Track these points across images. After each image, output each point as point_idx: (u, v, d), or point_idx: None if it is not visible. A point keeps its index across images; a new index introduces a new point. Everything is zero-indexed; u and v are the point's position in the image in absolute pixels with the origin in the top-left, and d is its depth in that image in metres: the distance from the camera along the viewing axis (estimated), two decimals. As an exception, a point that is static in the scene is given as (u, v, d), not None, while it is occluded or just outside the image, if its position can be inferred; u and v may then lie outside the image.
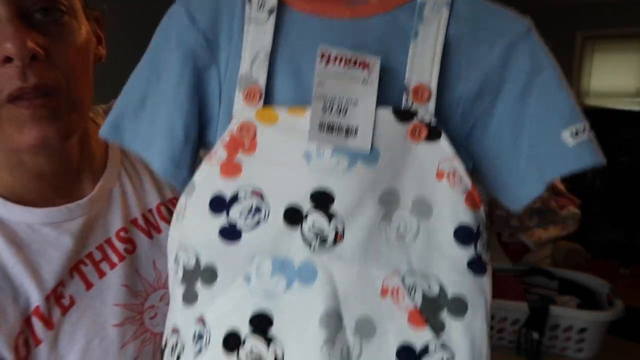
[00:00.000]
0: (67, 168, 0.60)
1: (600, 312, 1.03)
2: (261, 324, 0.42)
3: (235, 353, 0.42)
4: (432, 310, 0.42)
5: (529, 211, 1.52)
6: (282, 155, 0.44)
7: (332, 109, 0.43)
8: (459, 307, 0.43)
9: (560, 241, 1.55)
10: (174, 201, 0.68)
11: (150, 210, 0.66)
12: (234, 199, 0.44)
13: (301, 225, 0.43)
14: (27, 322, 0.53)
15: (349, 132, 0.43)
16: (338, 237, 0.42)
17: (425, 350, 0.42)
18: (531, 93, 0.45)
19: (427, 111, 0.44)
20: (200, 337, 0.44)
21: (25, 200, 0.57)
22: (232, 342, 0.42)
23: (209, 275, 0.44)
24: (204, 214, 0.45)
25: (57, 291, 0.56)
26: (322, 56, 0.43)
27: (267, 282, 0.43)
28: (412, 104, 0.44)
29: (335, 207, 0.43)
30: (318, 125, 0.43)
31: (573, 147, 0.44)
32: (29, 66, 0.49)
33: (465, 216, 0.43)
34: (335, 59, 0.43)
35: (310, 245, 0.42)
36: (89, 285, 0.58)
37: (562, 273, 1.23)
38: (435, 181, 0.44)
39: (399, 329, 0.42)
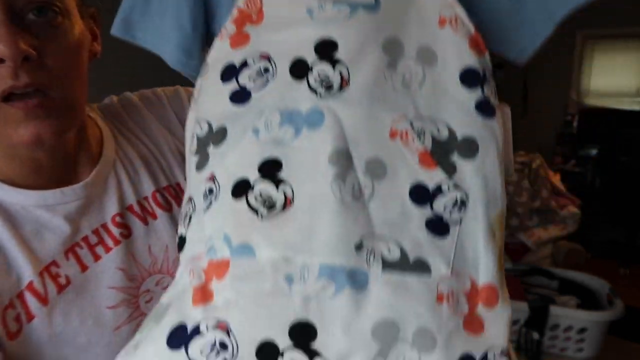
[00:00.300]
0: (64, 161, 0.61)
1: (600, 312, 1.03)
2: (270, 169, 0.42)
3: (244, 198, 0.41)
4: (443, 153, 0.42)
5: (529, 211, 1.52)
6: (287, 18, 0.45)
7: None
8: (469, 148, 0.42)
9: (560, 241, 1.55)
10: (169, 189, 0.68)
11: (145, 198, 0.66)
12: (243, 64, 0.45)
13: (307, 77, 0.43)
14: (19, 297, 0.54)
15: None
16: (344, 82, 0.43)
17: (438, 189, 0.41)
18: None
19: None
20: (210, 192, 0.43)
21: (20, 185, 0.58)
22: (240, 188, 0.42)
23: (220, 135, 0.44)
24: (216, 86, 0.45)
25: (51, 270, 0.56)
26: None
27: (275, 132, 0.42)
28: None
29: (339, 53, 0.43)
30: None
31: None
32: (21, 67, 0.49)
33: (470, 59, 0.43)
34: None
35: (316, 93, 0.43)
36: (84, 268, 0.59)
37: (562, 273, 1.23)
38: (437, 29, 0.44)
39: (410, 169, 0.41)
